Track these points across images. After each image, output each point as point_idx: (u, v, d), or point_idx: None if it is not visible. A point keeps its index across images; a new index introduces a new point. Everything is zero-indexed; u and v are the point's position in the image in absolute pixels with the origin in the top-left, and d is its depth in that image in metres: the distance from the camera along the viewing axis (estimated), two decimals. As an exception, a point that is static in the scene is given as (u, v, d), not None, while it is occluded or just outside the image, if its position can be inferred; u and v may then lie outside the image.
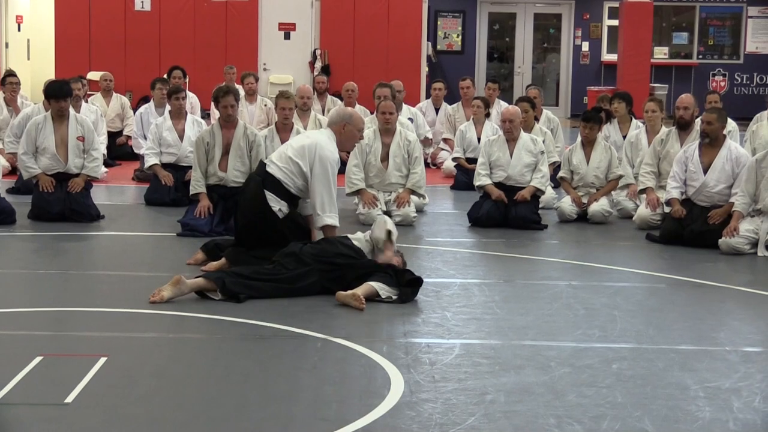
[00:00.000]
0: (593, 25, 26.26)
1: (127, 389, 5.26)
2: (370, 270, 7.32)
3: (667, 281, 8.18)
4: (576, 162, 11.01)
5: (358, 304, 6.90)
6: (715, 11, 26.36)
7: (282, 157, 7.92)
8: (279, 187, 7.85)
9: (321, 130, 8.30)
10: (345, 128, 8.03)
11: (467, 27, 26.21)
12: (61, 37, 21.33)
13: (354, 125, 8.07)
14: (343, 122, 8.03)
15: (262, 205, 7.81)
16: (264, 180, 7.86)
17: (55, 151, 10.30)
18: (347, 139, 8.11)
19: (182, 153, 11.53)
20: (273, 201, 7.82)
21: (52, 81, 11.07)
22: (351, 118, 8.08)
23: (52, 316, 6.78)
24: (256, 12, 21.57)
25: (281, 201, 7.85)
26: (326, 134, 8.03)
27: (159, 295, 6.96)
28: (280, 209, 7.85)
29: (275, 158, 7.96)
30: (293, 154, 7.86)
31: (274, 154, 8.10)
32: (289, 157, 7.86)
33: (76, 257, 8.95)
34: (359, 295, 6.96)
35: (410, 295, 7.19)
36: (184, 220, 9.66)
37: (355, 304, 6.92)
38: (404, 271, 7.37)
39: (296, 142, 8.02)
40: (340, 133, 8.03)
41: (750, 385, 5.46)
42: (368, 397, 5.17)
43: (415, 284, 7.27)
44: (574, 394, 5.29)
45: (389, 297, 7.12)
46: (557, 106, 25.42)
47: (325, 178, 7.82)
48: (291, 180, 7.85)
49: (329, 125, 8.13)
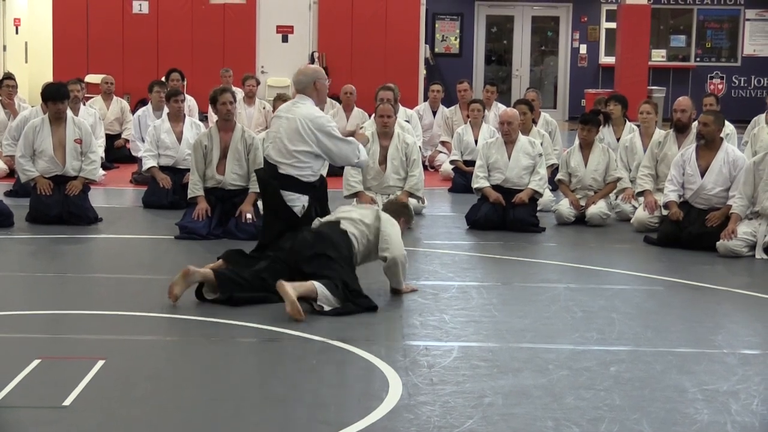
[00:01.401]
0: (591, 27, 26.28)
1: (124, 392, 5.26)
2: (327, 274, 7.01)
3: (665, 284, 8.18)
4: (574, 164, 11.02)
5: (296, 314, 6.62)
6: (713, 14, 26.38)
7: (285, 154, 7.71)
8: (297, 184, 7.76)
9: (291, 102, 8.01)
10: (317, 84, 7.89)
11: (465, 30, 26.22)
12: (58, 39, 21.31)
13: (321, 78, 7.95)
14: (314, 79, 7.88)
15: (283, 207, 7.73)
16: (281, 182, 7.76)
17: (53, 153, 10.30)
18: (321, 93, 7.98)
19: (180, 156, 11.52)
20: (293, 200, 7.75)
21: (50, 83, 11.07)
22: (316, 73, 7.98)
23: (49, 319, 6.78)
24: (254, 15, 21.56)
25: (301, 197, 7.76)
26: (301, 104, 7.81)
27: (172, 295, 6.95)
28: (303, 206, 7.72)
29: (277, 156, 7.75)
30: (293, 146, 7.68)
31: (273, 151, 7.81)
32: (292, 151, 7.67)
33: (74, 260, 8.95)
34: (298, 308, 6.64)
35: (353, 309, 6.89)
36: (182, 222, 9.66)
37: (292, 313, 6.63)
38: (360, 294, 7.04)
39: (283, 131, 7.75)
40: (316, 91, 7.88)
41: (748, 388, 5.46)
42: (366, 400, 5.17)
43: (365, 305, 6.98)
44: (572, 396, 5.29)
45: (321, 307, 6.81)
46: (555, 109, 25.43)
47: (334, 140, 7.76)
48: (307, 169, 7.75)
49: (301, 91, 7.89)
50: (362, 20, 21.21)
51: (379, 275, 7.50)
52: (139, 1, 21.40)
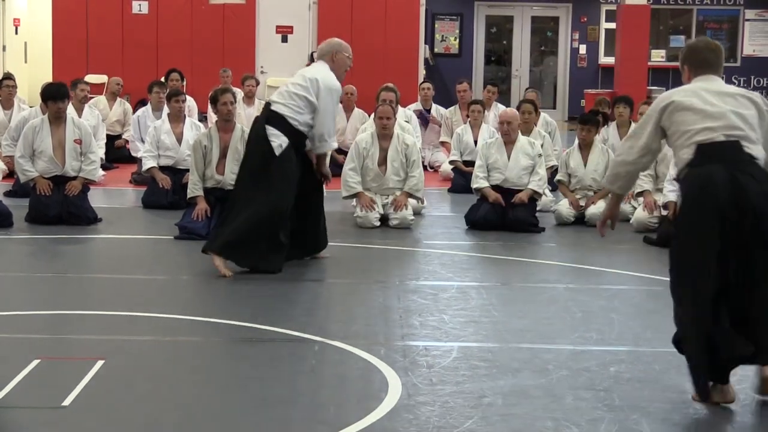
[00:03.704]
0: (590, 28, 26.28)
1: (124, 392, 5.26)
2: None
3: (665, 284, 8.11)
4: (573, 165, 11.02)
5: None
6: (712, 14, 26.38)
7: (284, 94, 8.02)
8: (283, 123, 7.88)
9: (315, 64, 8.35)
10: (336, 57, 8.10)
11: (465, 30, 26.21)
12: (58, 40, 21.32)
13: (344, 52, 8.16)
14: (333, 51, 8.13)
15: (262, 140, 7.89)
16: (268, 117, 7.91)
17: (53, 154, 10.30)
18: (339, 68, 8.16)
19: (180, 156, 11.51)
20: (273, 136, 7.87)
21: (49, 83, 11.07)
22: (340, 46, 8.18)
23: (49, 319, 6.78)
24: (254, 15, 21.57)
25: (282, 136, 7.88)
26: (323, 67, 8.10)
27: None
28: (280, 144, 7.87)
29: (276, 97, 8.07)
30: (297, 90, 7.97)
31: (274, 95, 8.17)
32: (294, 93, 7.95)
33: (74, 260, 8.94)
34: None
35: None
36: (182, 223, 9.66)
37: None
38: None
39: (296, 79, 8.09)
40: (332, 62, 8.11)
41: (746, 388, 5.45)
42: (366, 401, 5.17)
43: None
44: (571, 397, 5.29)
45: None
46: (554, 109, 25.41)
47: (332, 107, 8.02)
48: (297, 114, 7.91)
49: (320, 57, 8.23)
50: (362, 20, 21.21)
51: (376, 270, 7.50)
52: (139, 2, 21.41)
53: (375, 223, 10.33)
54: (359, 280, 7.83)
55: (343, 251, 8.96)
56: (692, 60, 5.53)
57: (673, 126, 5.30)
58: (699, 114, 5.23)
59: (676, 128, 5.28)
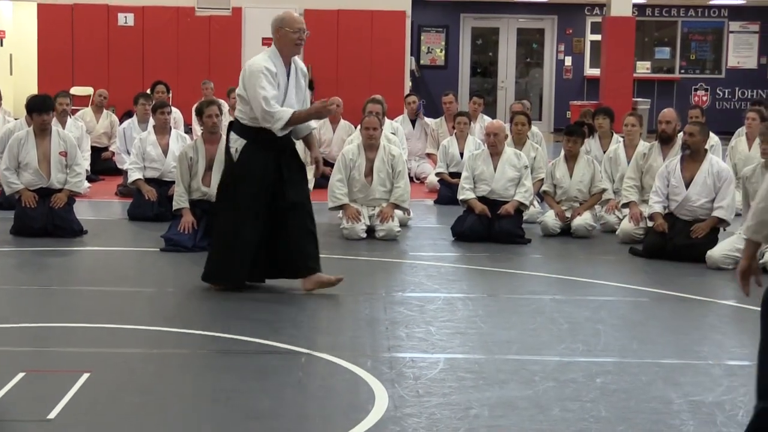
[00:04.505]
0: (576, 39, 26.36)
1: (110, 405, 5.25)
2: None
3: (651, 295, 8.20)
4: (559, 176, 11.04)
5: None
6: (697, 26, 26.51)
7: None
8: (236, 125, 7.69)
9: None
10: (278, 35, 7.62)
11: (450, 42, 26.27)
12: (43, 52, 21.26)
13: (285, 27, 7.60)
14: (274, 30, 7.65)
15: (226, 151, 7.78)
16: (229, 125, 7.79)
17: (38, 166, 10.27)
18: (285, 45, 7.63)
19: (166, 168, 11.50)
20: (231, 141, 7.70)
21: (34, 95, 11.05)
22: (282, 21, 7.65)
23: (34, 332, 6.75)
24: (240, 27, 21.56)
25: (239, 139, 7.66)
26: (262, 53, 7.72)
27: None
28: (236, 149, 7.67)
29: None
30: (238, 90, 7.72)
31: None
32: (238, 94, 7.69)
33: (59, 272, 8.92)
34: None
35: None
36: (168, 235, 9.64)
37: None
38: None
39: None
40: (278, 42, 7.64)
41: (733, 399, 5.47)
42: (352, 413, 5.16)
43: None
44: (558, 408, 5.29)
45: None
46: (540, 121, 25.49)
47: (255, 89, 7.44)
48: (240, 111, 7.65)
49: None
50: (348, 32, 21.23)
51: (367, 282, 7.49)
52: (125, 14, 21.38)
53: (361, 234, 10.33)
54: (345, 291, 7.82)
55: (329, 263, 8.93)
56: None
57: None
58: None
59: None
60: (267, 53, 7.69)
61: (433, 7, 25.93)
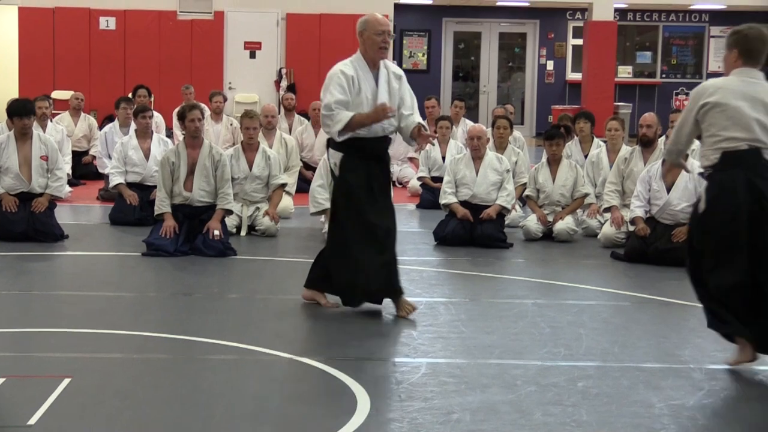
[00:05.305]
0: (558, 44, 26.43)
1: (91, 410, 5.22)
2: None
3: (632, 299, 8.22)
4: (542, 180, 11.06)
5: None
6: (678, 31, 26.61)
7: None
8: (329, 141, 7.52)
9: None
10: (362, 37, 7.55)
11: (432, 46, 26.30)
12: (25, 56, 21.21)
13: (368, 30, 7.53)
14: (358, 32, 7.59)
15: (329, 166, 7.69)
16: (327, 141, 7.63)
17: (19, 170, 10.23)
18: (370, 48, 7.53)
19: (148, 172, 11.48)
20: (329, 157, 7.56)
21: (15, 99, 11.00)
22: (365, 24, 7.59)
23: (15, 337, 6.72)
24: (222, 31, 21.56)
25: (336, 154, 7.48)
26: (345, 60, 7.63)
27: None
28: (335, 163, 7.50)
29: None
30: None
31: None
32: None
33: (40, 277, 8.88)
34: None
35: None
36: (149, 239, 9.61)
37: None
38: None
39: None
40: (362, 45, 7.58)
41: (714, 403, 5.49)
42: (334, 417, 5.15)
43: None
44: (539, 412, 5.30)
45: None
46: (522, 125, 25.52)
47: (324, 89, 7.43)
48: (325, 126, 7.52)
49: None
50: (330, 36, 21.23)
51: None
52: (106, 17, 21.34)
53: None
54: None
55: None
56: (742, 47, 6.14)
57: (705, 122, 6.10)
58: (729, 120, 6.00)
59: (707, 126, 6.08)
60: (351, 58, 7.62)
61: (415, 11, 25.95)
